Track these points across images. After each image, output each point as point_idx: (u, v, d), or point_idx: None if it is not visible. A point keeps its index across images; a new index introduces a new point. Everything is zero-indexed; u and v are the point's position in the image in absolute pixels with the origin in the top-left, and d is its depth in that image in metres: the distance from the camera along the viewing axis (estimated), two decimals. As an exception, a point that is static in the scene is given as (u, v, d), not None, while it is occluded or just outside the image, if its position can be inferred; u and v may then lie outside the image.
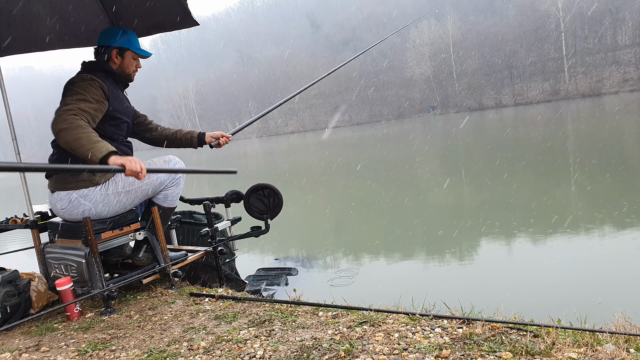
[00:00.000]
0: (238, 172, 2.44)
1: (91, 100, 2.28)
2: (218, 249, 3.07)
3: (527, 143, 15.51)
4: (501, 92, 58.70)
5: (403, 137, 27.14)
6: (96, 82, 2.37)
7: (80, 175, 2.43)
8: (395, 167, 13.14)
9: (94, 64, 2.55)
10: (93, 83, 2.35)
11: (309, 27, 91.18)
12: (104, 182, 2.47)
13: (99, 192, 2.45)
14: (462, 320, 1.88)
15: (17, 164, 1.44)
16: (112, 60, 2.55)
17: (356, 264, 5.08)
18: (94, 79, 2.38)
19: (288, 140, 35.48)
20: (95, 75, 2.41)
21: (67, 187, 2.43)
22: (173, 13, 2.82)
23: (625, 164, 9.51)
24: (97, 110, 2.31)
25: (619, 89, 49.38)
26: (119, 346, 2.01)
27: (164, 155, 2.74)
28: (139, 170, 2.00)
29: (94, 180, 2.43)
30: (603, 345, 1.56)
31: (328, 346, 1.74)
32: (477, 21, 63.46)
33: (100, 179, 2.45)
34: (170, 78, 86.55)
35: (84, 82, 2.34)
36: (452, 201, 8.14)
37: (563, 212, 6.19)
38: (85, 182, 2.42)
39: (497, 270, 4.45)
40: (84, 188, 2.42)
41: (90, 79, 2.37)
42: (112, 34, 2.56)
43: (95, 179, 2.44)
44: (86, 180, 2.42)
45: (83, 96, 2.27)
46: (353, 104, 70.23)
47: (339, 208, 8.76)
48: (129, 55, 2.57)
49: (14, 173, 2.93)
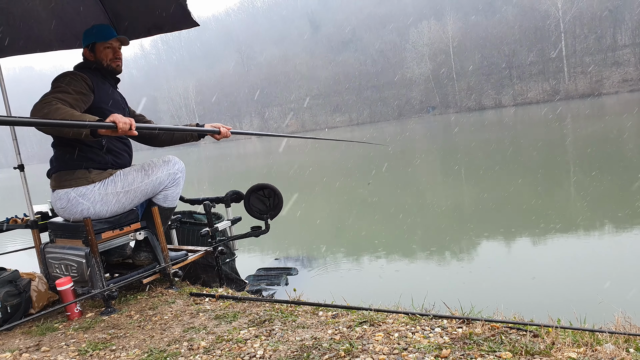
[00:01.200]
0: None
1: (70, 91, 2.29)
2: (218, 249, 3.07)
3: (527, 143, 15.52)
4: (501, 92, 58.74)
5: (403, 137, 27.16)
6: (78, 75, 2.40)
7: (76, 173, 2.44)
8: (395, 167, 13.15)
9: (82, 64, 2.61)
10: (74, 77, 2.38)
11: (309, 27, 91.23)
12: (101, 181, 2.47)
13: (97, 192, 2.45)
14: (462, 320, 1.88)
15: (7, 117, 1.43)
16: (87, 58, 2.59)
17: (356, 264, 5.08)
18: (75, 73, 2.43)
19: (288, 141, 35.54)
20: (83, 72, 2.46)
21: (65, 185, 2.44)
22: (173, 14, 2.82)
23: (626, 163, 9.52)
24: (78, 100, 2.30)
25: (619, 89, 49.42)
26: (119, 346, 2.02)
27: (163, 156, 2.74)
28: (129, 124, 1.99)
29: (89, 177, 2.43)
30: (603, 345, 1.56)
31: (328, 346, 1.75)
32: (477, 21, 63.48)
33: (96, 177, 2.46)
34: (171, 78, 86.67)
35: (65, 77, 2.37)
36: (452, 201, 8.14)
37: (563, 212, 6.19)
38: (81, 180, 2.43)
39: (497, 270, 4.44)
40: (81, 186, 2.43)
41: (71, 74, 2.41)
42: (87, 33, 2.60)
43: (90, 176, 2.44)
44: (81, 178, 2.43)
45: (61, 88, 2.29)
46: (353, 104, 70.27)
47: (339, 208, 8.76)
48: (99, 47, 2.58)
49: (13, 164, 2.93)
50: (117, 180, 2.51)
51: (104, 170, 2.50)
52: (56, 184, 2.49)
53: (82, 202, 2.44)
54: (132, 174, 2.56)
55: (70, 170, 2.45)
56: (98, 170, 2.48)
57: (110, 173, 2.51)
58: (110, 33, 2.58)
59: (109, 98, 2.53)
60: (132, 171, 2.57)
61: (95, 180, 2.45)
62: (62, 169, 2.48)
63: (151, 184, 2.60)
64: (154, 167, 2.61)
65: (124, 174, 2.54)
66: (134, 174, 2.56)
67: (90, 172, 2.45)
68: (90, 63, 2.57)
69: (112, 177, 2.51)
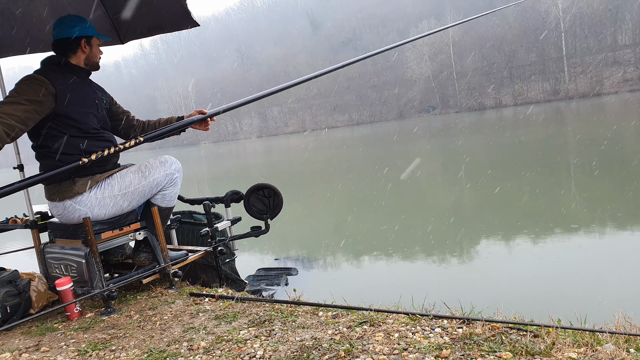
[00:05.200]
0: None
1: (22, 102, 2.16)
2: (218, 249, 3.07)
3: (527, 142, 15.51)
4: (501, 92, 58.71)
5: (403, 136, 27.16)
6: (37, 81, 2.24)
7: (61, 186, 2.37)
8: (396, 166, 13.14)
9: (50, 59, 2.42)
10: (31, 83, 2.24)
11: (309, 27, 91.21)
12: (97, 185, 2.42)
13: (94, 197, 2.42)
14: (462, 320, 1.88)
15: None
16: (82, 50, 2.44)
17: (356, 264, 5.09)
18: (34, 78, 2.26)
19: (288, 141, 35.55)
20: (44, 74, 2.29)
21: (55, 199, 2.40)
22: (173, 13, 2.82)
23: (626, 163, 9.51)
24: (30, 111, 2.18)
25: (619, 89, 49.38)
26: (119, 346, 2.01)
27: (160, 156, 2.73)
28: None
29: (73, 189, 2.36)
30: (603, 345, 1.56)
31: (328, 346, 1.74)
32: (477, 21, 63.40)
33: (81, 187, 2.37)
34: (170, 78, 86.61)
35: (21, 84, 2.23)
36: (452, 201, 8.14)
37: (563, 212, 6.19)
38: (67, 192, 2.36)
39: (498, 270, 4.44)
40: (77, 195, 2.37)
41: (29, 79, 2.25)
42: (72, 24, 2.42)
43: (75, 188, 2.36)
44: (67, 190, 2.36)
45: (14, 99, 2.17)
46: (353, 104, 70.24)
47: (339, 208, 8.76)
48: (95, 42, 2.49)
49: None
50: (113, 183, 2.47)
51: (91, 176, 2.41)
52: (48, 195, 2.46)
53: (79, 208, 2.40)
54: (128, 176, 2.53)
55: (56, 183, 2.39)
56: (84, 177, 2.39)
57: (97, 180, 2.42)
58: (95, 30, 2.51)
59: (78, 96, 2.38)
60: (128, 173, 2.54)
61: (81, 191, 2.37)
62: (49, 183, 2.41)
63: (148, 186, 2.58)
64: (150, 168, 2.59)
65: (121, 176, 2.51)
66: (130, 176, 2.53)
67: (74, 182, 2.37)
68: (64, 59, 2.41)
69: (108, 180, 2.47)
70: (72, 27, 2.41)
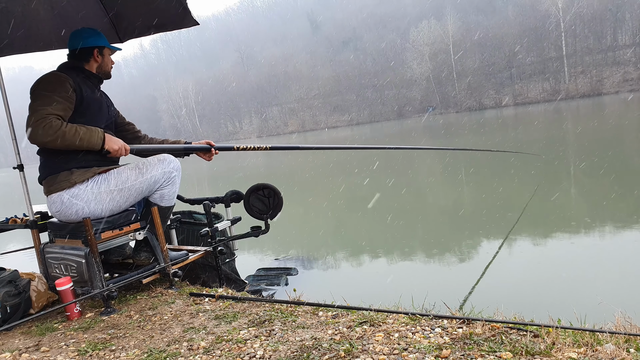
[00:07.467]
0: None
1: (58, 100, 2.31)
2: (218, 249, 3.07)
3: (527, 142, 15.51)
4: (501, 92, 58.71)
5: (404, 136, 27.16)
6: (61, 76, 2.40)
7: (60, 176, 2.43)
8: (395, 166, 13.14)
9: (66, 64, 2.59)
10: (58, 80, 2.38)
11: (309, 27, 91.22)
12: (93, 179, 2.46)
13: (90, 191, 2.45)
14: (462, 320, 1.88)
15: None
16: (94, 59, 2.60)
17: (356, 264, 5.08)
18: (58, 75, 2.41)
19: (288, 141, 35.50)
20: (66, 73, 2.45)
21: (53, 190, 2.45)
22: (173, 13, 2.82)
23: (626, 163, 9.51)
24: (67, 108, 2.35)
25: (619, 89, 49.38)
26: (119, 346, 2.01)
27: (158, 155, 2.73)
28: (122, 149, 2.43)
29: (71, 179, 2.42)
30: (603, 345, 1.56)
31: (328, 346, 1.74)
32: (477, 21, 63.45)
33: (79, 177, 2.43)
34: (170, 78, 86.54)
35: (49, 83, 2.36)
36: (452, 201, 8.14)
37: (563, 212, 6.19)
38: (64, 183, 2.42)
39: (497, 270, 4.44)
40: (73, 187, 2.42)
41: (54, 77, 2.40)
42: (86, 35, 2.59)
43: (72, 178, 2.42)
44: (64, 180, 2.42)
45: (49, 98, 2.29)
46: (353, 103, 70.26)
47: (339, 208, 8.76)
48: (107, 52, 2.64)
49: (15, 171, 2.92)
50: (110, 178, 2.50)
51: (89, 168, 2.47)
52: (46, 189, 2.50)
53: (76, 202, 2.43)
54: (126, 172, 2.55)
55: (55, 174, 2.45)
56: (82, 169, 2.45)
57: (94, 172, 2.47)
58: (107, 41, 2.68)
59: (91, 98, 2.52)
60: (126, 169, 2.56)
61: (78, 181, 2.42)
62: (49, 174, 2.48)
63: (146, 183, 2.59)
64: (148, 166, 2.61)
65: (118, 172, 2.54)
66: (127, 172, 2.55)
67: (72, 172, 2.43)
68: (80, 64, 2.58)
69: (104, 175, 2.49)
70: (86, 39, 2.57)
